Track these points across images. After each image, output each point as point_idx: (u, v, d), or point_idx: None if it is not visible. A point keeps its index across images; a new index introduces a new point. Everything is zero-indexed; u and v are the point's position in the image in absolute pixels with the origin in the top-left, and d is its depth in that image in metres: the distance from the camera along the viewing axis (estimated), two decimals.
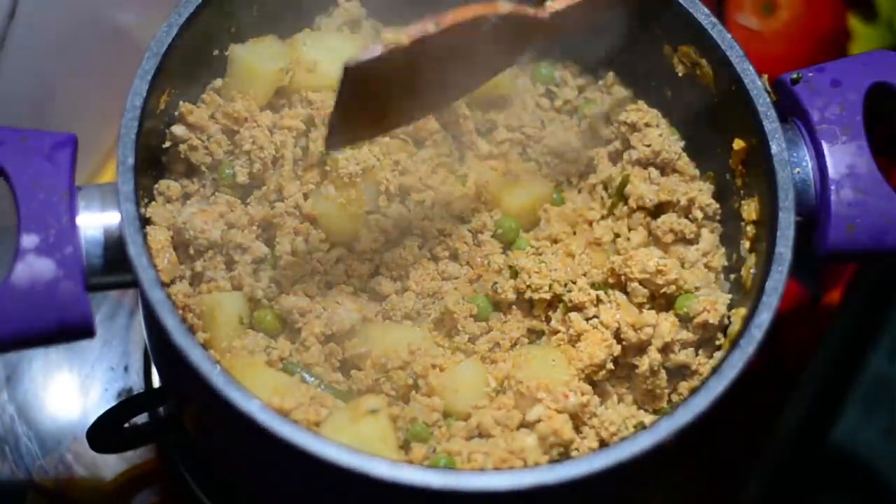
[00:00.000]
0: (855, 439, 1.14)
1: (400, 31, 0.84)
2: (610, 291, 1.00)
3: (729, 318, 0.98)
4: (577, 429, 0.94)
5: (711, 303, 0.98)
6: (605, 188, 1.07)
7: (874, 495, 1.12)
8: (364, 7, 1.10)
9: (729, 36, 1.00)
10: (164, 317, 0.85)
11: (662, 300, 1.00)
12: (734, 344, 0.90)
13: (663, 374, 0.98)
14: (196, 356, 0.83)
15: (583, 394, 0.95)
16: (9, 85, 1.12)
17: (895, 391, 1.15)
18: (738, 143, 1.01)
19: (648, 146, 1.05)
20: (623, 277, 1.00)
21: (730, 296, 0.99)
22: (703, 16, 1.00)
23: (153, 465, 1.15)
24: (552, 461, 0.91)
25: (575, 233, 1.05)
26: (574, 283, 1.00)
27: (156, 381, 1.19)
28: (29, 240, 0.87)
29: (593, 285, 1.01)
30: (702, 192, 1.03)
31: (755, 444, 1.15)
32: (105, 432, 1.02)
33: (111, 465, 1.15)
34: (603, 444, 0.94)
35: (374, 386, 0.95)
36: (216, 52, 1.04)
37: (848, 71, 1.00)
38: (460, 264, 1.03)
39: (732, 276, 1.01)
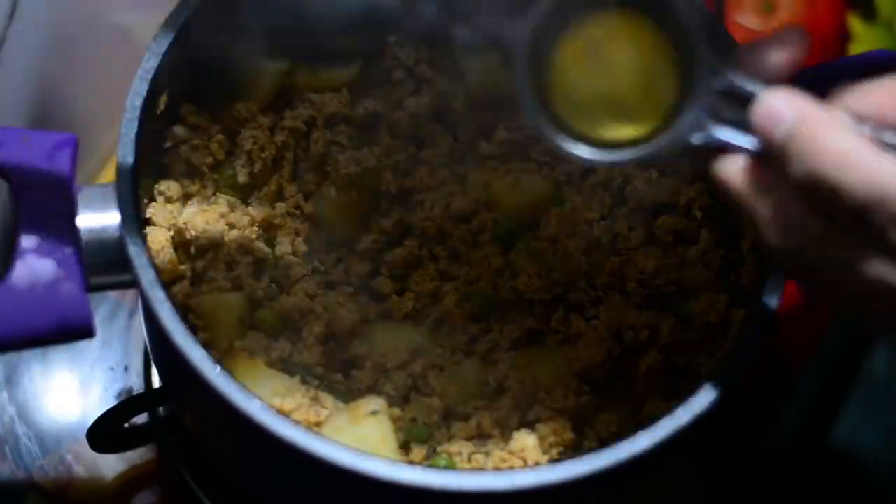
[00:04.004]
0: (855, 439, 1.14)
1: None
2: (609, 291, 1.00)
3: (729, 318, 0.98)
4: (577, 429, 0.94)
5: (711, 303, 0.98)
6: (605, 188, 1.07)
7: (874, 495, 1.12)
8: None
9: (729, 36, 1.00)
10: (164, 317, 0.85)
11: (662, 300, 1.00)
12: (734, 344, 0.90)
13: (663, 374, 0.98)
14: (196, 356, 0.83)
15: (583, 394, 0.96)
16: (9, 85, 1.12)
17: (895, 391, 1.15)
18: None
19: None
20: (623, 277, 1.00)
21: (730, 296, 0.99)
22: (704, 16, 1.00)
23: (153, 465, 1.15)
24: (552, 461, 0.91)
25: (575, 233, 1.05)
26: (574, 283, 1.01)
27: (156, 381, 1.19)
28: (29, 240, 0.87)
29: (593, 285, 1.01)
30: (702, 192, 1.03)
31: (755, 444, 1.15)
32: (105, 432, 1.02)
33: (111, 465, 1.15)
34: (603, 444, 0.94)
35: (374, 386, 0.95)
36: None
37: (848, 71, 1.00)
38: (460, 264, 1.03)
39: (732, 276, 1.01)
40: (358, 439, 0.89)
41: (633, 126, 0.80)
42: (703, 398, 0.85)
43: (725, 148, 0.76)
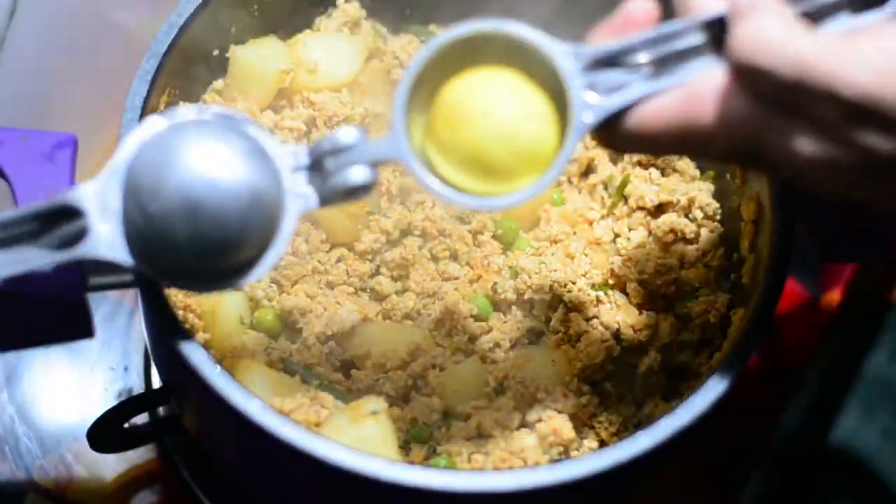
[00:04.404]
0: (855, 439, 1.14)
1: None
2: (610, 292, 1.00)
3: (729, 318, 0.98)
4: (577, 429, 0.94)
5: (711, 303, 0.98)
6: (606, 188, 1.07)
7: (874, 495, 1.12)
8: (363, 8, 1.10)
9: None
10: (164, 317, 0.85)
11: (662, 300, 1.00)
12: (734, 344, 0.90)
13: (663, 374, 0.98)
14: (196, 356, 0.83)
15: (583, 394, 0.96)
16: (9, 85, 1.12)
17: (895, 391, 1.15)
18: None
19: None
20: (623, 277, 1.00)
21: (730, 296, 0.99)
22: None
23: (153, 465, 1.15)
24: (552, 461, 0.91)
25: (575, 233, 1.05)
26: (574, 283, 1.00)
27: (156, 381, 1.19)
28: None
29: (593, 286, 1.01)
30: (702, 192, 1.03)
31: (755, 444, 1.15)
32: (105, 432, 1.02)
33: (111, 465, 1.15)
34: (603, 444, 0.94)
35: (374, 386, 0.95)
36: (216, 53, 1.04)
37: None
38: (460, 264, 1.03)
39: (732, 276, 1.01)
40: (358, 439, 0.89)
41: (531, 171, 0.78)
42: (703, 398, 0.85)
43: (624, 109, 0.75)
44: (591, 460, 0.82)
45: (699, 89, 0.73)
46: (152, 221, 0.76)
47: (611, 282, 1.01)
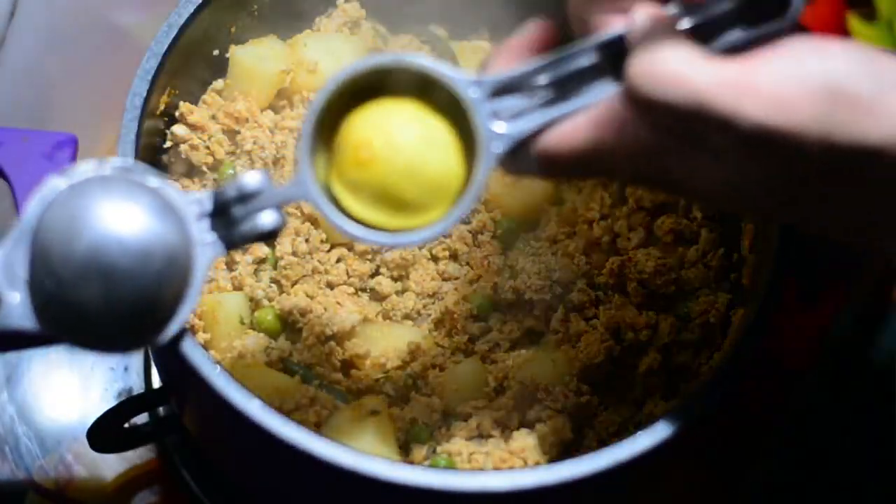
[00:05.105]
0: (855, 439, 1.14)
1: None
2: (609, 292, 1.00)
3: (729, 317, 0.98)
4: (577, 429, 0.94)
5: (711, 303, 0.98)
6: (605, 188, 1.07)
7: (875, 496, 1.12)
8: (363, 8, 1.10)
9: None
10: None
11: (662, 300, 1.00)
12: (734, 344, 0.90)
13: (663, 374, 0.98)
14: (196, 357, 0.83)
15: (583, 394, 0.96)
16: (9, 85, 1.12)
17: (895, 391, 1.15)
18: None
19: None
20: (623, 277, 1.00)
21: (730, 296, 0.99)
22: None
23: (153, 465, 1.15)
24: (552, 461, 0.91)
25: (575, 233, 1.05)
26: (574, 283, 1.01)
27: (156, 381, 1.19)
28: None
29: (593, 285, 1.01)
30: None
31: (755, 444, 1.15)
32: (105, 432, 1.02)
33: (111, 465, 1.15)
34: (603, 444, 0.94)
35: (374, 386, 0.95)
36: (216, 53, 1.04)
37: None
38: (460, 264, 1.03)
39: (732, 276, 1.01)
40: (359, 440, 0.89)
41: (442, 202, 0.78)
42: (703, 398, 0.85)
43: (532, 135, 0.75)
44: (591, 460, 0.82)
45: (601, 115, 0.73)
46: (63, 287, 0.73)
47: (611, 282, 1.01)
